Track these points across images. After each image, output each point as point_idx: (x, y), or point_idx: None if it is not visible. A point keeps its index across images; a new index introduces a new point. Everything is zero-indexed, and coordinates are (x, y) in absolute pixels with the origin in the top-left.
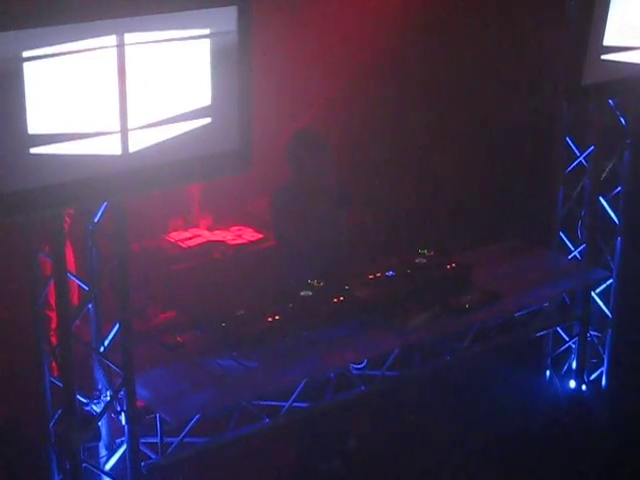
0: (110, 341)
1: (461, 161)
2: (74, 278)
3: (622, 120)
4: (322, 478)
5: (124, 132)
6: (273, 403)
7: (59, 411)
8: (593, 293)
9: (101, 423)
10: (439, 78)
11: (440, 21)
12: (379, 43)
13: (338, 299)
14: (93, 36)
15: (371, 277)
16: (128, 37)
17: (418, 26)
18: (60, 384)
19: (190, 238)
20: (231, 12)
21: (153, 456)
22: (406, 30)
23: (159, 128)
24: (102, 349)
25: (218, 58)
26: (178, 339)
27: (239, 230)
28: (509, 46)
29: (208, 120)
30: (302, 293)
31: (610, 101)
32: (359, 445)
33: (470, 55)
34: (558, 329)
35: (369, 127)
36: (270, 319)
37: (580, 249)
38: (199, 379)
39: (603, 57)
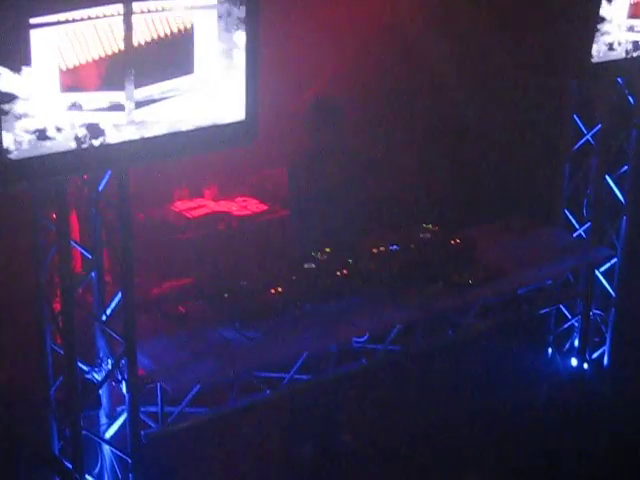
0: (112, 310)
1: (466, 137)
2: (77, 246)
3: (630, 99)
4: (318, 452)
5: (129, 101)
6: (274, 375)
7: (60, 378)
8: (597, 272)
9: (102, 391)
10: (450, 60)
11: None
12: (394, 11)
13: (341, 272)
14: (100, 4)
15: (375, 251)
16: (135, 6)
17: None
18: (62, 351)
19: (195, 208)
20: None
21: (153, 425)
22: (424, 4)
23: (165, 98)
24: (104, 317)
25: (225, 28)
26: (180, 309)
27: (244, 201)
28: (519, 24)
29: (215, 91)
30: (305, 266)
31: (619, 79)
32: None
33: (480, 32)
34: (561, 307)
35: (379, 99)
36: (273, 291)
37: (585, 227)
38: (200, 349)
39: (613, 35)
